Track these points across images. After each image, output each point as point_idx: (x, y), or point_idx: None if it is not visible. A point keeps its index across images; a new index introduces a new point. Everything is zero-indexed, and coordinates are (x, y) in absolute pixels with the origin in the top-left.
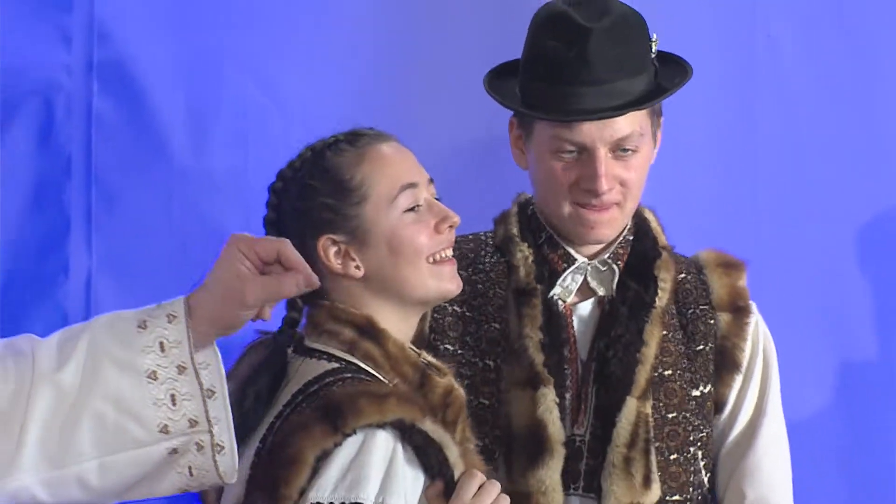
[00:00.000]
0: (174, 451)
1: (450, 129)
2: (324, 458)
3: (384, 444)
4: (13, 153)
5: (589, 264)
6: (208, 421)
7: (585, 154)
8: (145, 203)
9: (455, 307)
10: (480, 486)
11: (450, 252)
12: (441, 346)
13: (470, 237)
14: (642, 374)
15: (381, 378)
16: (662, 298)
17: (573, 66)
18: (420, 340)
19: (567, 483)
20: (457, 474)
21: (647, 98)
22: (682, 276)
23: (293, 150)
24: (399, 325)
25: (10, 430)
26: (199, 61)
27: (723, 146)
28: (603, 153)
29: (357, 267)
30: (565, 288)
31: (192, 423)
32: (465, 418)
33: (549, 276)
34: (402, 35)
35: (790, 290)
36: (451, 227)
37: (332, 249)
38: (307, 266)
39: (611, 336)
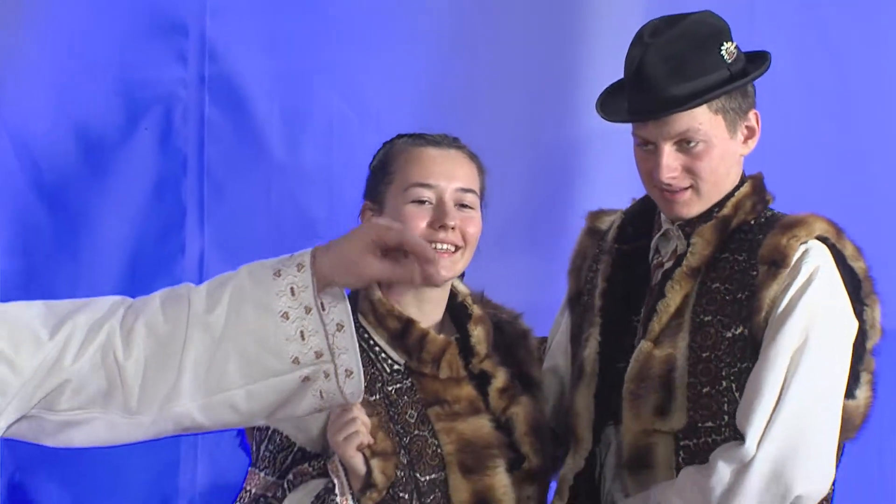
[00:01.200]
0: (306, 378)
1: (503, 127)
2: None
3: None
4: (139, 153)
5: (674, 230)
6: (331, 352)
7: (653, 147)
8: (248, 193)
9: (597, 266)
10: (341, 412)
11: (445, 247)
12: (583, 297)
13: (613, 212)
14: (656, 322)
15: (368, 330)
16: (690, 261)
17: (635, 77)
18: (577, 292)
19: (610, 415)
20: None
21: (681, 101)
22: (760, 236)
23: (370, 147)
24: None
25: (172, 365)
26: (291, 75)
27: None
28: (666, 147)
29: None
30: (660, 252)
31: (318, 354)
32: (479, 357)
33: (646, 235)
34: (460, 52)
35: None
36: (442, 227)
37: (367, 213)
38: (430, 252)
39: (657, 291)
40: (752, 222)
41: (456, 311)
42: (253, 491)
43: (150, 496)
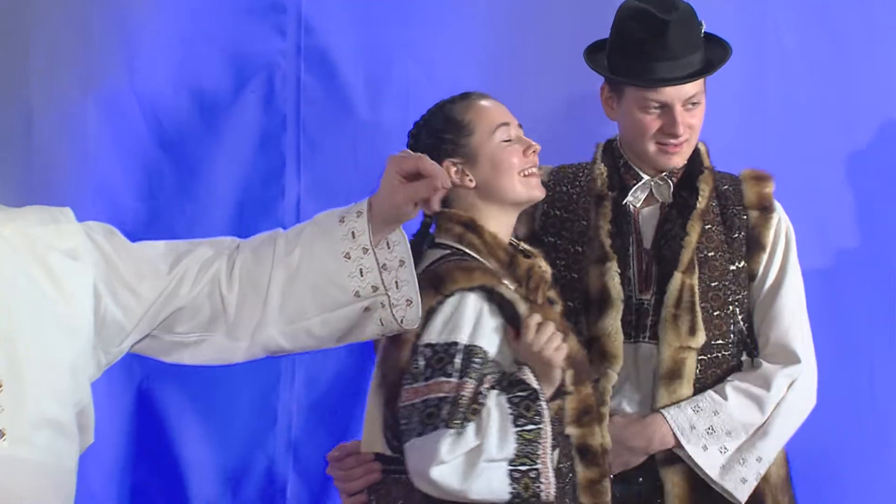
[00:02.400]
0: (367, 308)
1: (548, 90)
2: (431, 312)
3: (473, 302)
4: (246, 113)
5: (652, 180)
6: (384, 287)
7: (667, 109)
8: (337, 147)
9: (556, 211)
10: (539, 325)
11: (534, 169)
12: (545, 238)
13: (574, 164)
14: (685, 255)
15: (480, 260)
16: (702, 202)
17: (656, 48)
18: (530, 235)
19: (638, 334)
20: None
21: (707, 69)
22: (725, 187)
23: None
24: (499, 222)
25: (259, 298)
26: (374, 47)
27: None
28: (679, 108)
29: (470, 180)
30: (636, 197)
31: (374, 288)
32: (547, 285)
33: (622, 188)
34: (512, 27)
35: None
36: (534, 151)
37: (453, 169)
38: (440, 170)
39: (664, 230)
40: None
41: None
42: (432, 396)
43: (256, 408)
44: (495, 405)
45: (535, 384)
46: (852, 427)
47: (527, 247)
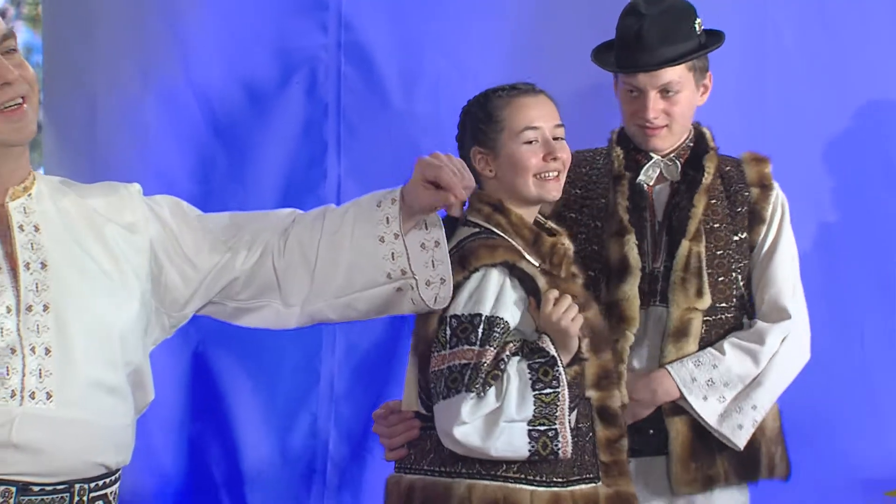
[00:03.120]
0: (399, 289)
1: (564, 80)
2: (458, 287)
3: (496, 277)
4: (291, 103)
5: (662, 160)
6: (412, 271)
7: (641, 94)
8: (374, 133)
9: (577, 189)
10: (557, 298)
11: (554, 174)
12: (567, 214)
13: (592, 149)
14: (692, 225)
15: (506, 238)
16: (707, 178)
17: (634, 40)
18: (554, 211)
19: (650, 299)
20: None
21: (677, 58)
22: (728, 168)
23: (467, 98)
24: (521, 209)
25: (308, 271)
26: (408, 41)
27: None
28: (652, 94)
29: (491, 170)
30: (648, 175)
31: (403, 272)
32: (570, 261)
33: (636, 168)
34: (536, 23)
35: None
36: (554, 158)
37: (479, 156)
38: (456, 184)
39: (673, 203)
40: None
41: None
42: (458, 362)
43: (301, 370)
44: (515, 371)
45: (553, 352)
46: (843, 384)
47: (552, 225)
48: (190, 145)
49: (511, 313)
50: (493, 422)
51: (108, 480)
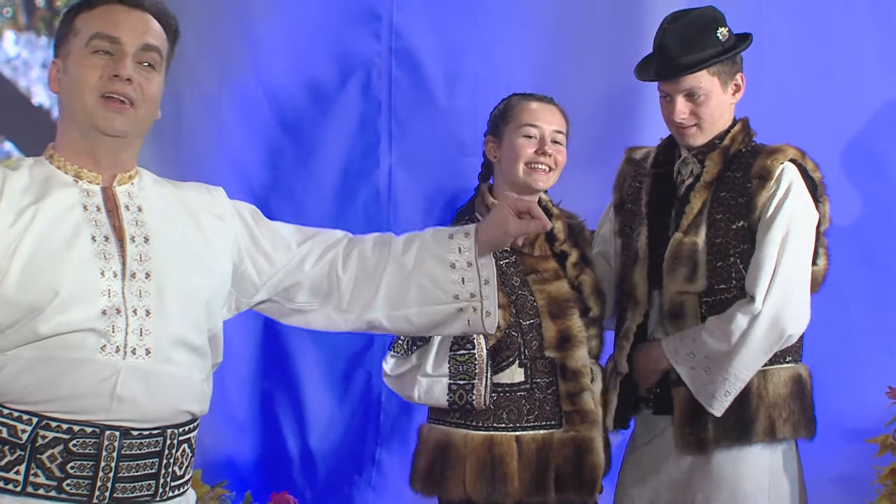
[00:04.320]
0: (460, 310)
1: (590, 83)
2: None
3: None
4: (348, 101)
5: (691, 158)
6: (481, 296)
7: (671, 99)
8: (421, 127)
9: (636, 183)
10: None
11: (543, 167)
12: (627, 205)
13: (651, 147)
14: (685, 220)
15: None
16: (706, 174)
17: (658, 51)
18: (619, 202)
19: (656, 284)
20: None
21: (692, 66)
22: (750, 160)
23: (502, 97)
24: (520, 193)
25: (372, 285)
26: (451, 48)
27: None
28: (679, 98)
29: (495, 156)
30: (683, 172)
31: (472, 295)
32: (560, 241)
33: (673, 163)
34: (560, 34)
35: None
36: (545, 154)
37: (490, 144)
38: (543, 215)
39: (681, 199)
40: (744, 150)
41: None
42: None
43: (357, 335)
44: (438, 338)
45: None
46: (830, 347)
47: (554, 209)
48: (260, 138)
49: None
50: (412, 376)
51: (191, 427)
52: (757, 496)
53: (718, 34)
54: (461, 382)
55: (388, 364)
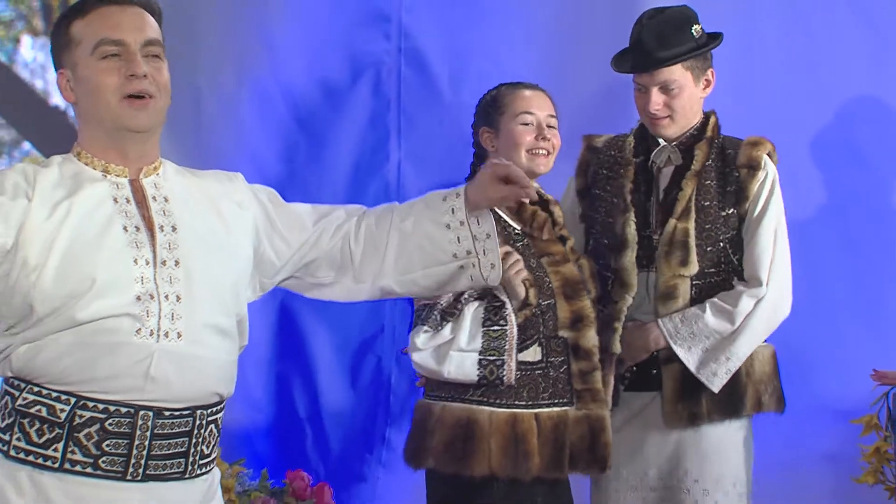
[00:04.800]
0: (461, 267)
1: (590, 79)
2: None
3: None
4: (360, 99)
5: (669, 147)
6: (476, 252)
7: (646, 91)
8: (428, 122)
9: (603, 170)
10: (506, 254)
11: (543, 152)
12: (594, 190)
13: (621, 135)
14: (679, 206)
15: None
16: (696, 164)
17: (635, 45)
18: (584, 187)
19: (647, 265)
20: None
21: (667, 60)
22: (730, 150)
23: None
24: None
25: (379, 254)
26: (456, 48)
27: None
28: (654, 90)
29: (493, 146)
30: (659, 159)
31: (468, 252)
32: (560, 226)
33: (649, 152)
34: (557, 37)
35: None
36: (544, 139)
37: (485, 135)
38: (525, 181)
39: (670, 185)
40: (716, 141)
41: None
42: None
43: (368, 321)
44: (471, 312)
45: (503, 297)
46: (816, 330)
47: (547, 196)
48: (277, 133)
49: None
50: (445, 351)
51: (218, 407)
52: (739, 466)
53: (693, 31)
54: (491, 358)
55: (420, 338)
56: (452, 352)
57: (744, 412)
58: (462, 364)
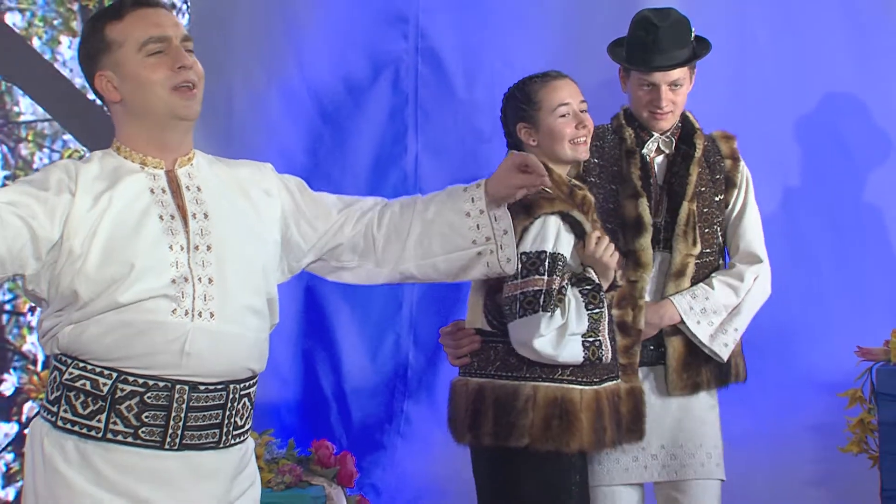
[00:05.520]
0: (479, 253)
1: (592, 73)
2: (524, 230)
3: (554, 222)
4: (380, 96)
5: (659, 137)
6: (496, 240)
7: (655, 88)
8: (444, 117)
9: (595, 159)
10: (599, 238)
11: (583, 139)
12: (588, 178)
13: (605, 125)
14: (690, 189)
15: (553, 191)
16: (699, 151)
17: (651, 44)
18: (577, 175)
19: (655, 246)
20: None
21: (686, 61)
22: (707, 143)
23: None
24: (558, 169)
25: (401, 240)
26: (470, 47)
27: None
28: (665, 88)
29: (534, 141)
30: (649, 149)
31: (487, 239)
32: (594, 211)
33: (640, 143)
34: (566, 31)
35: None
36: (583, 126)
37: (523, 131)
38: (542, 170)
39: (672, 172)
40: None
41: None
42: (530, 289)
43: (387, 299)
44: (572, 295)
45: (597, 280)
46: (804, 307)
47: (577, 182)
48: (303, 127)
49: (566, 251)
50: (562, 334)
51: (251, 382)
52: (719, 429)
53: (692, 35)
54: (591, 339)
55: (544, 323)
56: (568, 335)
57: (730, 381)
58: (574, 347)
